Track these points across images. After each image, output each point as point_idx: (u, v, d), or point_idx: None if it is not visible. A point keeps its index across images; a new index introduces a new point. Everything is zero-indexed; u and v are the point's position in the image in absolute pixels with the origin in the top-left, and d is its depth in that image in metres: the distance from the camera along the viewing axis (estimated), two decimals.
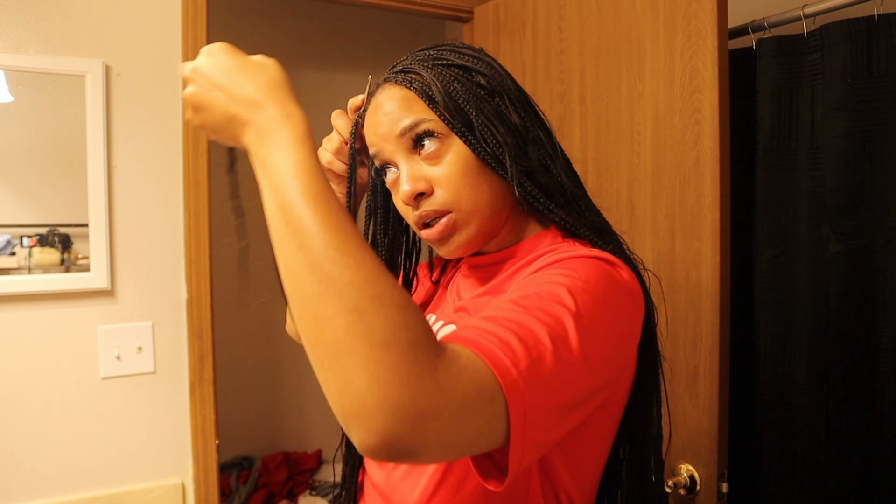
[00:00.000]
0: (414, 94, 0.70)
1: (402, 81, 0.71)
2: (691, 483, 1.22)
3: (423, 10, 1.82)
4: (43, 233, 1.41)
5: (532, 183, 0.70)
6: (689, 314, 1.23)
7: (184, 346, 1.53)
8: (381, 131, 0.71)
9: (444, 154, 0.69)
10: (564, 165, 0.74)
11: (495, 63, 0.74)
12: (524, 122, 0.71)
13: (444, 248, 0.72)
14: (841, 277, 1.22)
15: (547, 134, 0.74)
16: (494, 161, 0.69)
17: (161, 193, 1.51)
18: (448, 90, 0.69)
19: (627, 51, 1.35)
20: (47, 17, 1.40)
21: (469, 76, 0.71)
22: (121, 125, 1.46)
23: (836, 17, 1.23)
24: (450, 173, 0.69)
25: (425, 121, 0.68)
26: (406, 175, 0.70)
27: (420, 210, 0.70)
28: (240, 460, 2.77)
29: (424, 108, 0.69)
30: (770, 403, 1.32)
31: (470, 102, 0.69)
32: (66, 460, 1.43)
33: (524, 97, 0.74)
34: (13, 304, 1.38)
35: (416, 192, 0.69)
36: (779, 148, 1.31)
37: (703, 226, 1.21)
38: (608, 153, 1.40)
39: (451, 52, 0.72)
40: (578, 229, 0.71)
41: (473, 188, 0.69)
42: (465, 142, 0.68)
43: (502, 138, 0.69)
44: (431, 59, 0.71)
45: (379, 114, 0.71)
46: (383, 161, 0.73)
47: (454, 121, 0.68)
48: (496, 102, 0.71)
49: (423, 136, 0.69)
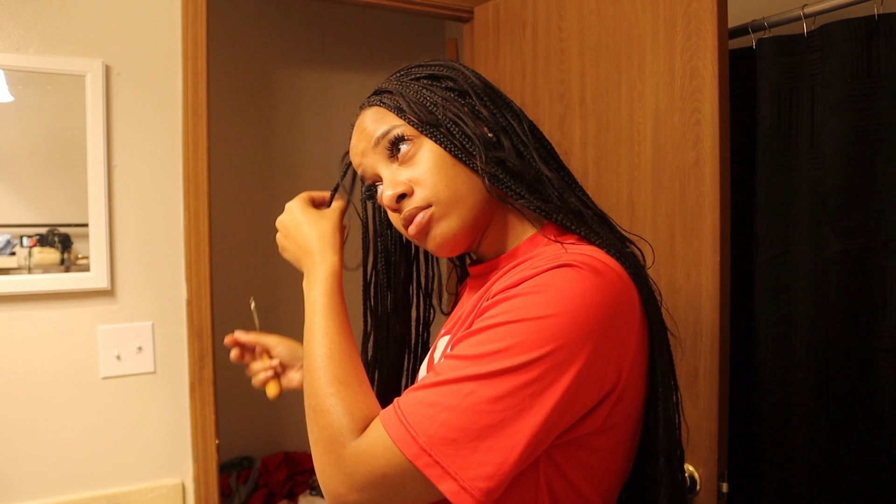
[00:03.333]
0: (385, 109, 0.75)
1: (374, 102, 0.76)
2: (691, 483, 1.22)
3: (423, 10, 1.82)
4: (43, 233, 1.41)
5: (503, 170, 0.71)
6: (689, 314, 1.23)
7: (184, 346, 1.53)
8: (360, 148, 0.76)
9: (417, 154, 0.72)
10: (540, 150, 0.75)
11: (459, 66, 0.77)
12: (494, 114, 0.74)
13: (429, 244, 0.73)
14: (841, 277, 1.22)
15: (519, 121, 0.75)
16: (464, 153, 0.71)
17: (161, 193, 1.51)
18: (417, 98, 0.73)
19: (627, 50, 1.35)
20: (47, 17, 1.40)
21: (437, 83, 0.75)
22: (121, 125, 1.46)
23: (836, 17, 1.23)
24: (425, 169, 0.71)
25: (396, 126, 0.73)
26: (387, 181, 0.73)
27: (404, 212, 0.72)
28: (240, 460, 2.77)
29: (395, 117, 0.74)
30: (770, 403, 1.32)
31: (437, 105, 0.73)
32: (66, 460, 1.43)
33: (491, 90, 0.76)
34: (13, 304, 1.38)
35: (397, 195, 0.71)
36: (779, 148, 1.31)
37: (703, 226, 1.21)
38: (608, 153, 1.40)
39: (418, 67, 0.77)
40: (554, 215, 0.71)
41: (450, 180, 0.71)
42: (434, 139, 0.71)
43: (471, 131, 0.71)
44: (401, 77, 0.77)
45: (357, 134, 0.77)
46: (370, 179, 0.77)
47: (422, 123, 0.72)
48: (467, 101, 0.74)
49: (397, 142, 0.73)
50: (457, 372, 0.59)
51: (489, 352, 0.58)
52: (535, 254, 0.71)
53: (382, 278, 0.88)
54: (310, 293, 0.75)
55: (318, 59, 2.95)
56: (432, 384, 0.60)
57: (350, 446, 0.61)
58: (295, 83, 2.90)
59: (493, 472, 0.56)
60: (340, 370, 0.67)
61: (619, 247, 0.68)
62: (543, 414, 0.57)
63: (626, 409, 0.66)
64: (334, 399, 0.64)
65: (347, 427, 0.62)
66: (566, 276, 0.60)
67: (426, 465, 0.56)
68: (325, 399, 0.65)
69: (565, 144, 1.50)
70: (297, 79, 2.90)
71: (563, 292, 0.59)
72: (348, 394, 0.65)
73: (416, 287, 0.91)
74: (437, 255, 0.75)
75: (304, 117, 2.91)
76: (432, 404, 0.58)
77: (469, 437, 0.56)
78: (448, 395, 0.58)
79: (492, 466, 0.56)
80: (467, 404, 0.57)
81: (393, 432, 0.58)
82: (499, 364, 0.57)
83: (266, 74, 2.84)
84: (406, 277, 0.90)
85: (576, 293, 0.59)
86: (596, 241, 0.68)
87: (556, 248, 0.67)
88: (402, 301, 0.90)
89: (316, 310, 0.73)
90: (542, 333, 0.57)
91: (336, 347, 0.69)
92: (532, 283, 0.61)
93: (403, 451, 0.57)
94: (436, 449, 0.56)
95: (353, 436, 0.61)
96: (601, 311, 0.60)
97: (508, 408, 0.57)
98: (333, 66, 2.97)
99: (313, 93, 2.93)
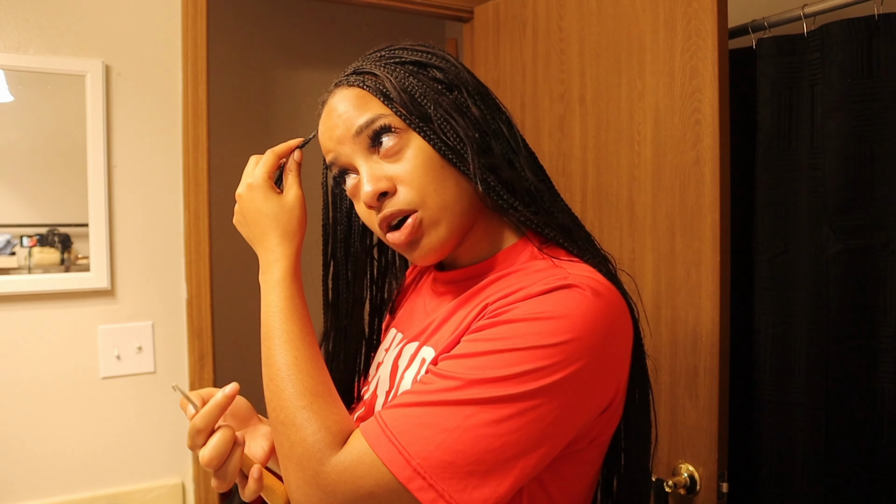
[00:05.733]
0: (368, 93, 0.67)
1: (354, 82, 0.68)
2: (691, 483, 1.22)
3: (423, 10, 1.82)
4: (43, 233, 1.41)
5: (495, 178, 0.66)
6: (689, 314, 1.23)
7: (184, 346, 1.53)
8: (337, 134, 0.68)
9: (403, 150, 0.66)
10: (528, 159, 0.71)
11: (450, 57, 0.71)
12: (484, 115, 0.69)
13: (415, 253, 0.68)
14: (841, 277, 1.22)
15: (509, 127, 0.71)
16: (455, 156, 0.65)
17: (161, 193, 1.51)
18: (403, 85, 0.66)
19: (627, 50, 1.35)
20: (47, 17, 1.40)
21: (425, 71, 0.69)
22: (121, 125, 1.46)
23: (836, 16, 1.23)
24: (412, 168, 0.65)
25: (382, 116, 0.66)
26: (367, 175, 0.66)
27: (384, 211, 0.66)
28: None
29: (380, 104, 0.66)
30: (770, 403, 1.32)
31: (427, 96, 0.66)
32: (66, 460, 1.43)
33: (483, 90, 0.72)
34: (13, 304, 1.38)
35: (379, 192, 0.65)
36: (779, 148, 1.31)
37: (703, 226, 1.21)
38: (608, 153, 1.40)
39: (403, 49, 0.70)
40: (544, 230, 0.68)
41: (439, 184, 0.66)
42: (424, 136, 0.66)
43: (463, 132, 0.66)
44: (384, 59, 0.69)
45: (333, 117, 0.69)
46: (341, 166, 0.70)
47: (411, 115, 0.66)
48: (454, 96, 0.68)
49: (381, 133, 0.66)
50: (455, 394, 0.56)
51: (492, 378, 0.56)
52: (522, 266, 0.68)
53: (343, 270, 0.81)
54: (267, 293, 0.69)
55: (318, 59, 2.95)
56: (425, 403, 0.57)
57: (329, 463, 0.57)
58: (295, 83, 2.90)
59: (488, 496, 0.55)
60: (310, 380, 0.62)
61: (607, 265, 0.68)
62: (544, 439, 0.57)
63: (612, 423, 0.67)
64: (306, 412, 0.60)
65: (324, 442, 0.58)
66: (571, 298, 0.59)
67: (419, 488, 0.54)
68: (296, 412, 0.60)
69: (565, 144, 1.50)
70: (297, 79, 2.90)
71: (570, 318, 0.58)
72: (321, 406, 0.60)
73: (371, 277, 0.85)
74: (419, 264, 0.70)
75: (304, 117, 2.91)
76: (427, 425, 0.55)
77: (467, 460, 0.54)
78: (446, 416, 0.55)
79: (488, 490, 0.55)
80: (466, 427, 0.55)
81: (382, 452, 0.55)
82: (503, 391, 0.55)
83: (266, 74, 2.84)
84: (363, 267, 0.83)
85: (581, 318, 0.58)
86: (586, 258, 0.67)
87: (549, 264, 0.65)
88: (360, 292, 0.83)
89: (275, 312, 0.67)
90: (548, 361, 0.56)
91: (301, 355, 0.64)
92: (535, 306, 0.59)
93: (395, 473, 0.54)
94: (431, 472, 0.54)
95: (331, 451, 0.57)
96: (604, 334, 0.60)
97: (510, 433, 0.55)
98: (333, 66, 2.96)
99: (313, 93, 2.91)
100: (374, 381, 0.79)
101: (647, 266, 1.31)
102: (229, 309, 2.55)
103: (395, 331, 0.82)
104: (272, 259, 0.71)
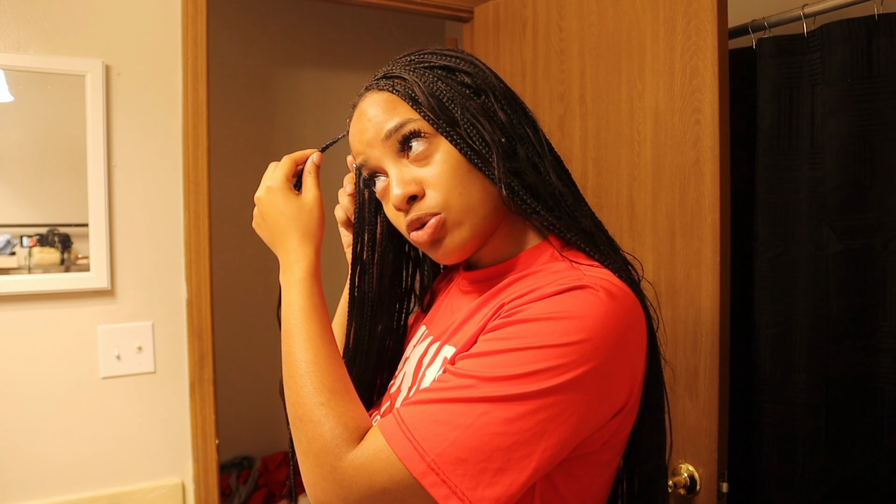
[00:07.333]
0: (397, 97, 0.69)
1: (384, 86, 0.71)
2: (691, 483, 1.22)
3: (423, 10, 1.82)
4: (43, 233, 1.41)
5: (520, 183, 0.68)
6: (689, 314, 1.23)
7: (184, 346, 1.53)
8: (367, 138, 0.70)
9: (432, 154, 0.68)
10: (554, 164, 0.72)
11: (479, 62, 0.73)
12: (511, 120, 0.70)
13: (438, 252, 0.70)
14: (841, 277, 1.22)
15: (535, 131, 0.72)
16: (481, 160, 0.67)
17: (161, 193, 1.51)
18: (432, 90, 0.68)
19: (627, 50, 1.35)
20: (47, 17, 1.40)
21: (453, 76, 0.70)
22: (121, 125, 1.46)
23: (836, 16, 1.23)
24: (440, 172, 0.68)
25: (411, 121, 0.68)
26: (396, 179, 0.69)
27: (411, 214, 0.69)
28: (240, 460, 2.77)
29: (409, 109, 0.69)
30: (770, 403, 1.32)
31: (455, 101, 0.68)
32: (66, 460, 1.43)
33: (510, 94, 0.73)
34: (13, 304, 1.38)
35: (408, 195, 0.68)
36: (779, 148, 1.31)
37: (703, 226, 1.21)
38: (608, 153, 1.40)
39: (432, 54, 0.72)
40: (566, 234, 0.69)
41: (464, 187, 0.68)
42: (451, 141, 0.68)
43: (489, 136, 0.68)
44: (414, 63, 0.71)
45: (363, 120, 0.71)
46: (371, 169, 0.72)
47: (439, 120, 0.68)
48: (482, 101, 0.70)
49: (410, 137, 0.68)
50: (470, 392, 0.57)
51: (506, 375, 0.57)
52: (542, 267, 0.69)
53: (370, 269, 0.82)
54: (288, 292, 0.71)
55: (318, 59, 2.95)
56: (441, 400, 0.58)
57: (346, 458, 0.58)
58: (295, 83, 2.90)
59: (500, 494, 0.56)
60: (328, 377, 0.64)
61: (628, 271, 0.69)
62: (556, 439, 0.57)
63: (626, 426, 0.67)
64: (324, 409, 0.62)
65: (342, 438, 0.60)
66: (584, 299, 0.60)
67: (432, 483, 0.55)
68: (314, 408, 0.62)
69: (565, 144, 1.50)
70: (297, 79, 2.90)
71: (584, 319, 0.58)
72: (338, 403, 0.62)
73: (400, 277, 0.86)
74: (442, 262, 0.72)
75: (304, 117, 2.91)
76: (443, 422, 0.57)
77: (480, 457, 0.55)
78: (460, 414, 0.57)
79: (500, 488, 0.56)
80: (480, 424, 0.56)
81: (398, 448, 0.57)
82: (516, 389, 0.56)
83: (266, 74, 2.84)
84: (394, 270, 0.84)
85: (594, 318, 0.59)
86: (607, 263, 0.67)
87: (568, 266, 0.66)
88: (388, 294, 0.84)
89: (296, 311, 0.69)
90: (560, 360, 0.57)
91: (321, 353, 0.66)
92: (549, 306, 0.60)
93: (409, 468, 0.56)
94: (444, 468, 0.55)
95: (348, 447, 0.59)
96: (617, 335, 0.60)
97: (522, 431, 0.56)
98: (333, 66, 2.96)
99: (313, 93, 2.93)
100: (400, 376, 0.80)
101: (647, 266, 1.30)
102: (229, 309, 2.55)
103: (425, 328, 0.83)
104: (293, 259, 0.72)
